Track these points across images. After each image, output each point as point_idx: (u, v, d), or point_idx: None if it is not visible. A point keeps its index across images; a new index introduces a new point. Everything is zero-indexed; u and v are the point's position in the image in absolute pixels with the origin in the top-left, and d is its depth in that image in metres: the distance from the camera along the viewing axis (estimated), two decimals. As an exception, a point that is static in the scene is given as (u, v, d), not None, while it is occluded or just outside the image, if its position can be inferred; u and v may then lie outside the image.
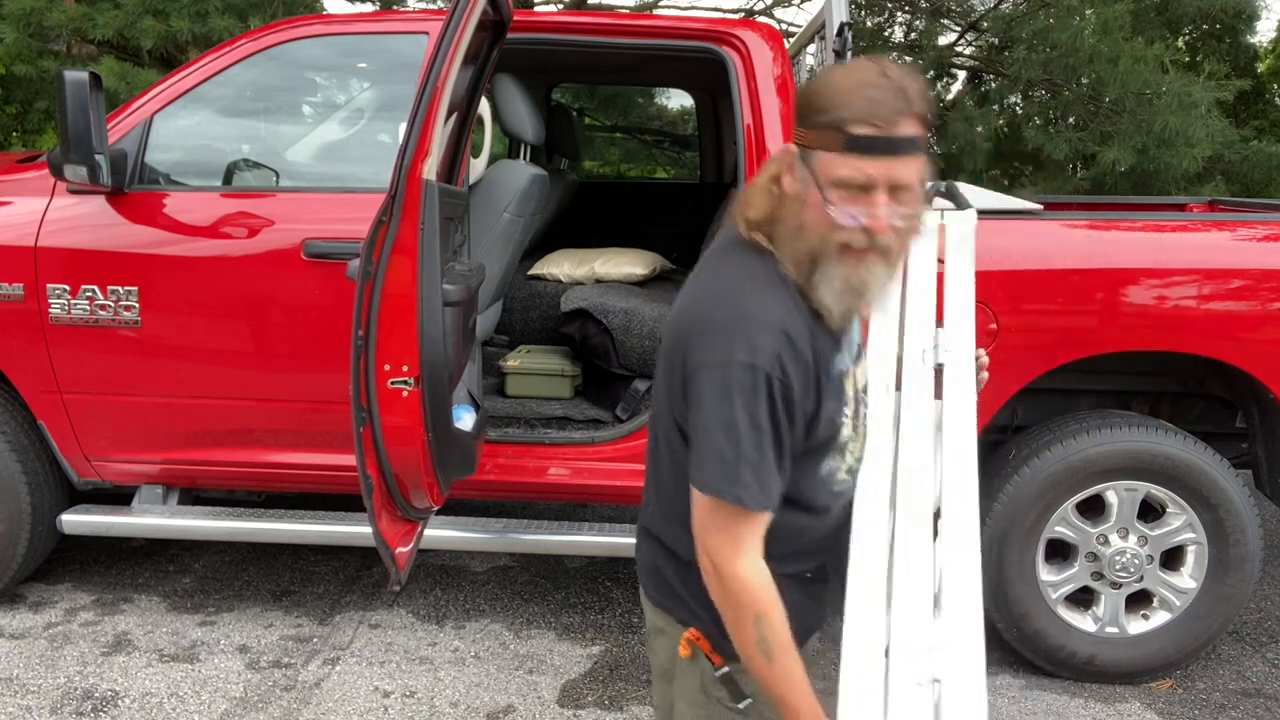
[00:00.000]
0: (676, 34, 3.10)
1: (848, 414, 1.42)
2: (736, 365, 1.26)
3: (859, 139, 1.21)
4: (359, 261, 2.21)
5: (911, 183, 1.24)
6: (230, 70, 2.95)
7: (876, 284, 1.29)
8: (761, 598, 1.31)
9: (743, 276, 1.34)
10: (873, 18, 6.79)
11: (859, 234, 1.24)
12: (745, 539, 1.30)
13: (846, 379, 1.41)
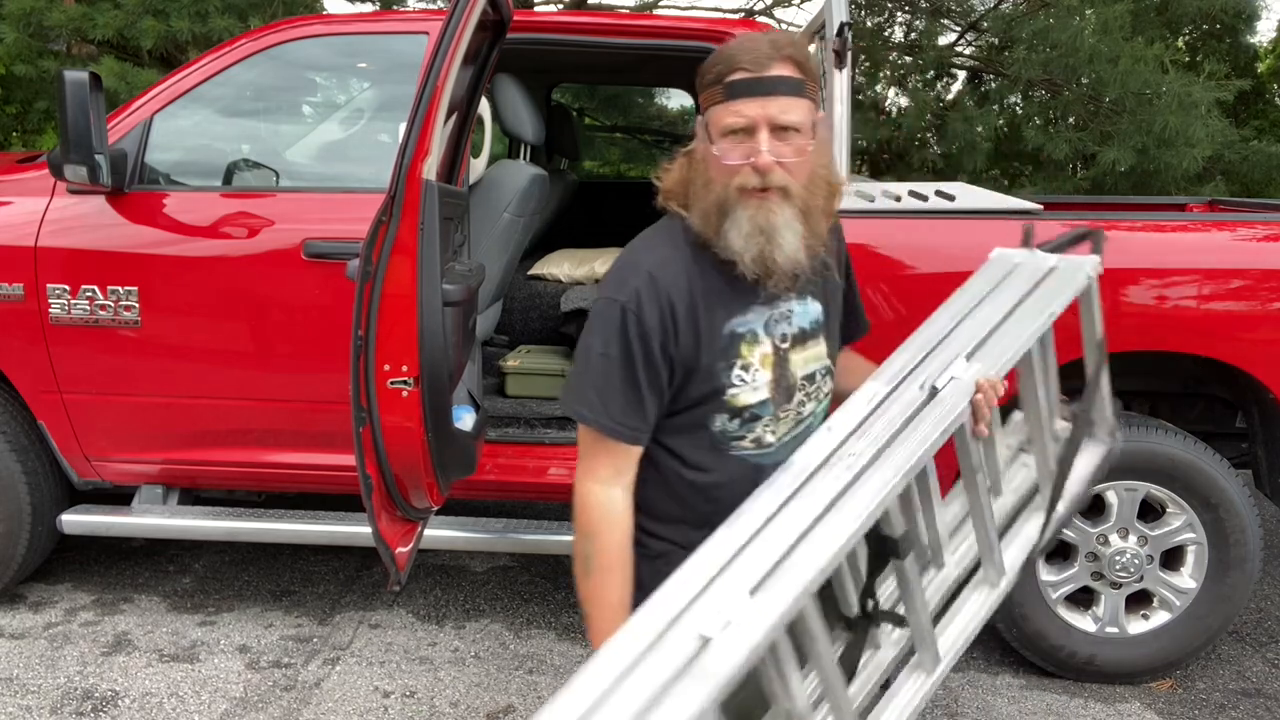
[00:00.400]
0: (676, 34, 3.10)
1: (744, 378, 1.44)
2: (602, 301, 1.43)
3: (734, 84, 1.35)
4: (359, 261, 2.21)
5: (793, 122, 1.35)
6: (230, 70, 2.95)
7: (784, 225, 1.36)
8: (595, 518, 1.42)
9: (642, 239, 1.49)
10: (873, 18, 6.79)
11: (750, 174, 1.34)
12: (595, 462, 1.43)
13: (747, 343, 1.45)
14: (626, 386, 1.40)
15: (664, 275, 1.41)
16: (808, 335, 1.51)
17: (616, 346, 1.40)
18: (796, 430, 1.51)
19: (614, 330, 1.40)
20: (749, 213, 1.36)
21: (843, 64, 2.79)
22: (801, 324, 1.50)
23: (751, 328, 1.45)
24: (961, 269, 2.75)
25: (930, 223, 2.81)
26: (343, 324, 2.70)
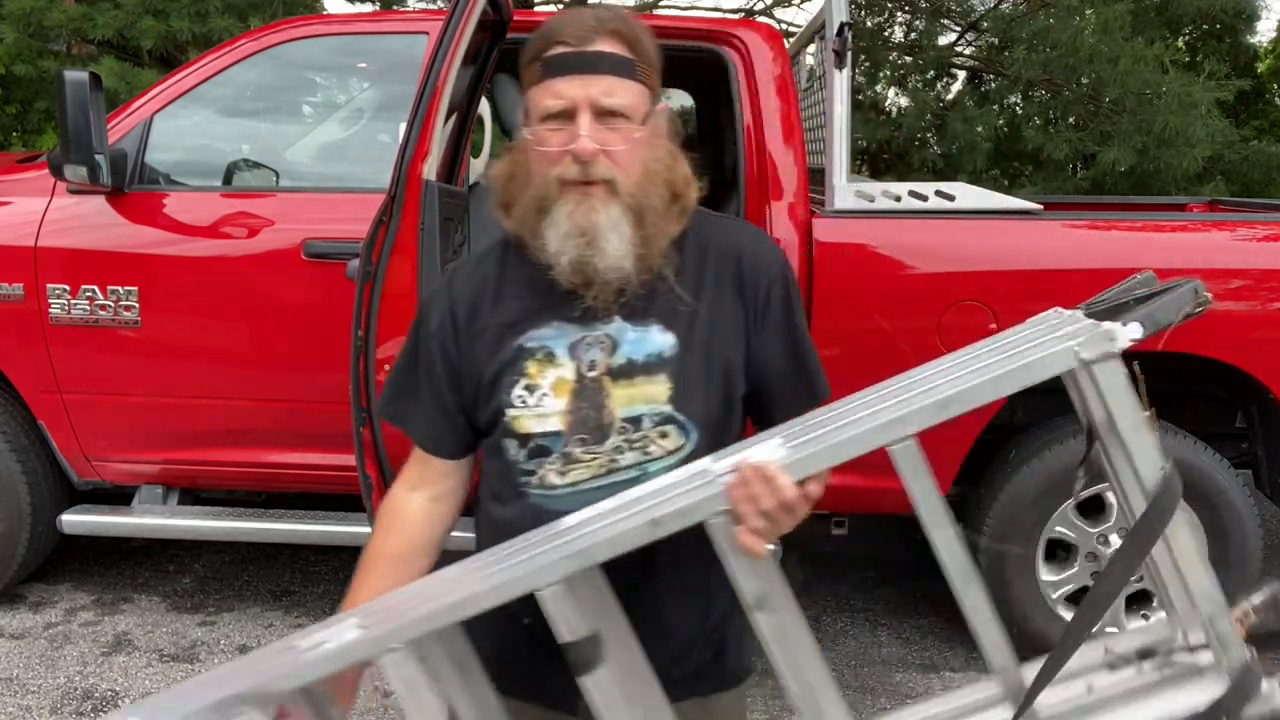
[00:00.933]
0: (676, 34, 3.09)
1: (525, 400, 1.21)
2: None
3: (552, 60, 1.17)
4: (359, 261, 2.21)
5: (619, 106, 1.15)
6: (230, 70, 2.95)
7: (608, 226, 1.15)
8: (379, 514, 1.34)
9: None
10: (873, 18, 6.80)
11: (570, 164, 1.14)
12: (408, 463, 1.34)
13: (538, 361, 1.21)
14: (414, 390, 1.30)
15: (462, 276, 1.29)
16: (638, 369, 1.20)
17: (409, 347, 1.30)
18: (605, 480, 1.20)
19: (411, 330, 1.31)
20: (568, 209, 1.15)
21: (843, 64, 2.79)
22: (631, 354, 1.20)
23: (547, 345, 1.22)
24: (961, 269, 2.77)
25: (930, 223, 2.81)
26: (342, 324, 2.70)
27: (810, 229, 2.80)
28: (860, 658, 3.11)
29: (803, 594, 3.54)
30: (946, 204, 2.83)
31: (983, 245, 2.79)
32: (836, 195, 2.81)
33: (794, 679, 1.11)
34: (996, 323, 2.75)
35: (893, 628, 3.32)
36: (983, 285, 2.75)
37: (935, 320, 2.76)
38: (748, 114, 2.90)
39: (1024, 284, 2.76)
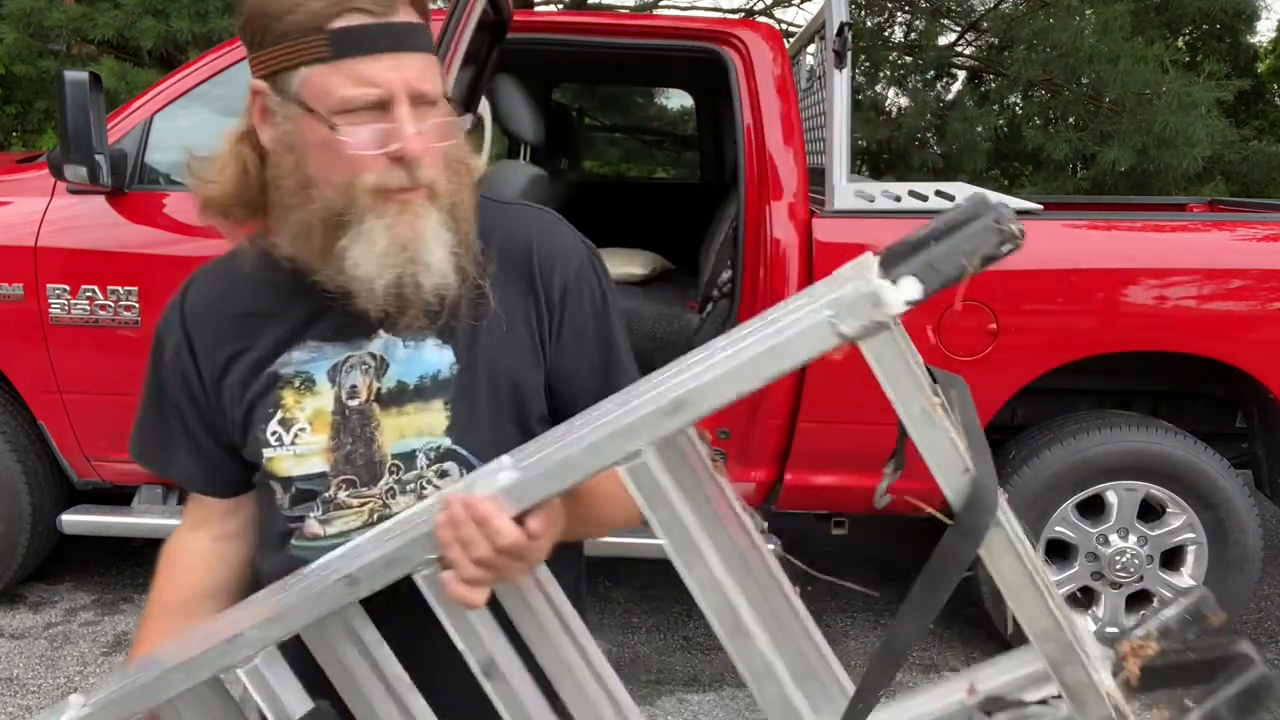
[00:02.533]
0: (676, 34, 3.10)
1: (281, 437, 1.01)
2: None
3: (348, 33, 0.88)
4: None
5: (434, 91, 0.92)
6: (230, 70, 2.95)
7: (431, 235, 0.93)
8: (160, 562, 1.20)
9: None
10: (873, 18, 6.79)
11: (390, 168, 0.90)
12: (187, 505, 1.17)
13: (294, 390, 1.01)
14: (163, 427, 1.09)
15: (197, 292, 1.08)
16: (410, 394, 0.99)
17: (150, 379, 1.11)
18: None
19: (150, 359, 1.11)
20: (386, 222, 0.91)
21: (843, 64, 2.79)
22: (402, 375, 0.99)
23: (304, 370, 1.00)
24: (961, 269, 2.77)
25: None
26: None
27: (810, 229, 2.80)
28: (860, 658, 3.11)
29: (802, 594, 3.54)
30: (946, 204, 2.83)
31: (983, 245, 2.79)
32: (836, 195, 2.81)
33: None
34: (996, 323, 2.76)
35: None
36: (983, 285, 2.76)
37: (935, 320, 2.76)
38: (748, 114, 2.90)
39: (1024, 284, 2.76)
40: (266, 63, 0.93)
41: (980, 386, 2.82)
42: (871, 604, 3.50)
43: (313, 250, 0.95)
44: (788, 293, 2.79)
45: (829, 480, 2.94)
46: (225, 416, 1.04)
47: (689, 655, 3.09)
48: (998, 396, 2.83)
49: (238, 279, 1.03)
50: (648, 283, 3.84)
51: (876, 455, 2.94)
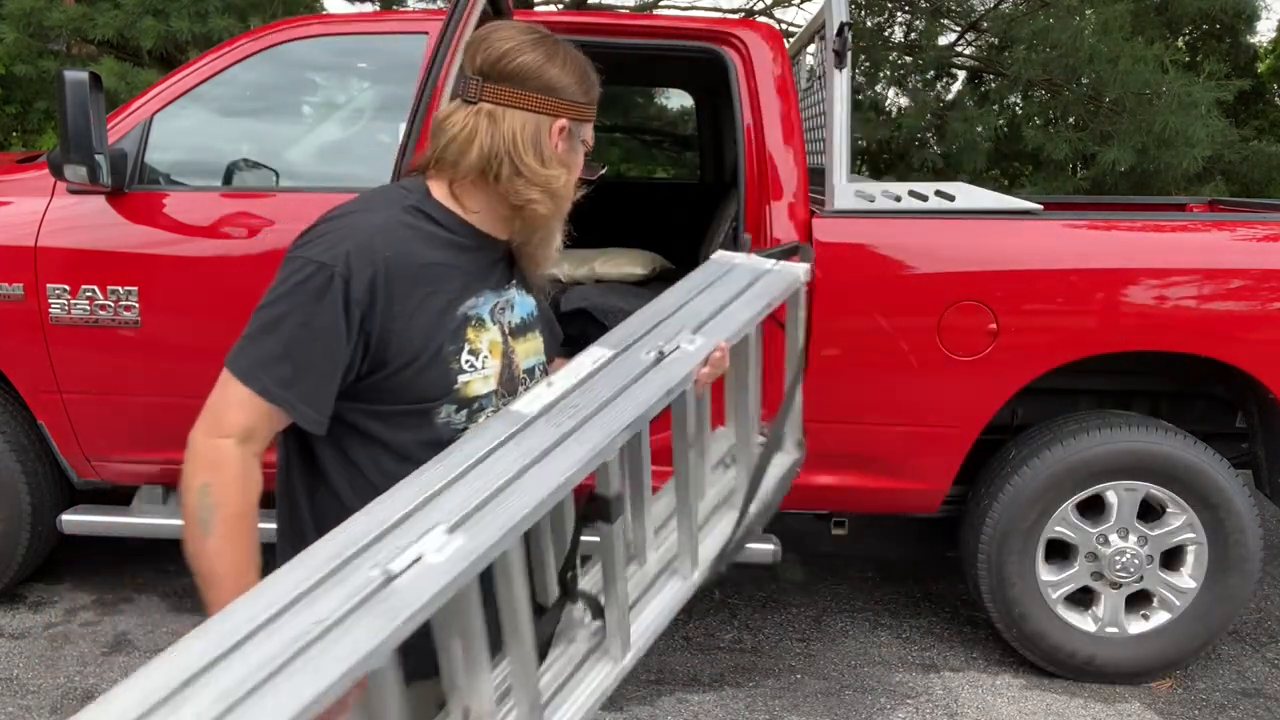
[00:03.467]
0: (676, 34, 3.09)
1: (474, 364, 1.29)
2: (299, 261, 1.27)
3: (589, 108, 1.36)
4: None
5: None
6: (230, 70, 2.95)
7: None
8: (232, 474, 1.25)
9: (358, 202, 1.31)
10: (873, 18, 6.79)
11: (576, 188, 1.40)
12: (233, 419, 1.27)
13: (474, 327, 1.30)
14: (322, 364, 1.22)
15: (385, 243, 1.24)
16: (526, 327, 1.40)
17: (319, 317, 1.21)
18: None
19: (315, 298, 1.22)
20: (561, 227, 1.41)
21: (843, 64, 2.79)
22: (521, 314, 1.40)
23: (479, 311, 1.31)
24: (961, 269, 2.78)
25: (930, 223, 2.81)
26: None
27: (810, 229, 2.80)
28: (860, 658, 3.11)
29: (803, 594, 3.54)
30: (946, 204, 2.83)
31: (983, 245, 2.79)
32: (836, 195, 2.81)
33: None
34: (996, 323, 2.76)
35: (893, 628, 3.32)
36: (983, 285, 2.76)
37: (935, 320, 2.76)
38: (748, 114, 2.90)
39: (1024, 284, 2.76)
40: (562, 111, 1.32)
41: (980, 386, 2.84)
42: (871, 604, 3.50)
43: (507, 226, 1.36)
44: (788, 293, 2.79)
45: (829, 480, 2.94)
46: (400, 352, 1.24)
47: (689, 655, 3.09)
48: (998, 396, 2.83)
49: (421, 234, 1.28)
50: (648, 282, 3.84)
51: (877, 456, 2.96)
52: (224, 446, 1.24)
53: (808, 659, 3.08)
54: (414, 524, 1.00)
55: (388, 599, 0.90)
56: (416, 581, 0.92)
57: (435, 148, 1.33)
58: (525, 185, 1.31)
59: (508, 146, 1.29)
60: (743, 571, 3.69)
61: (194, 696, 0.79)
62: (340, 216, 1.28)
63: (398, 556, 0.95)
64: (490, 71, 1.30)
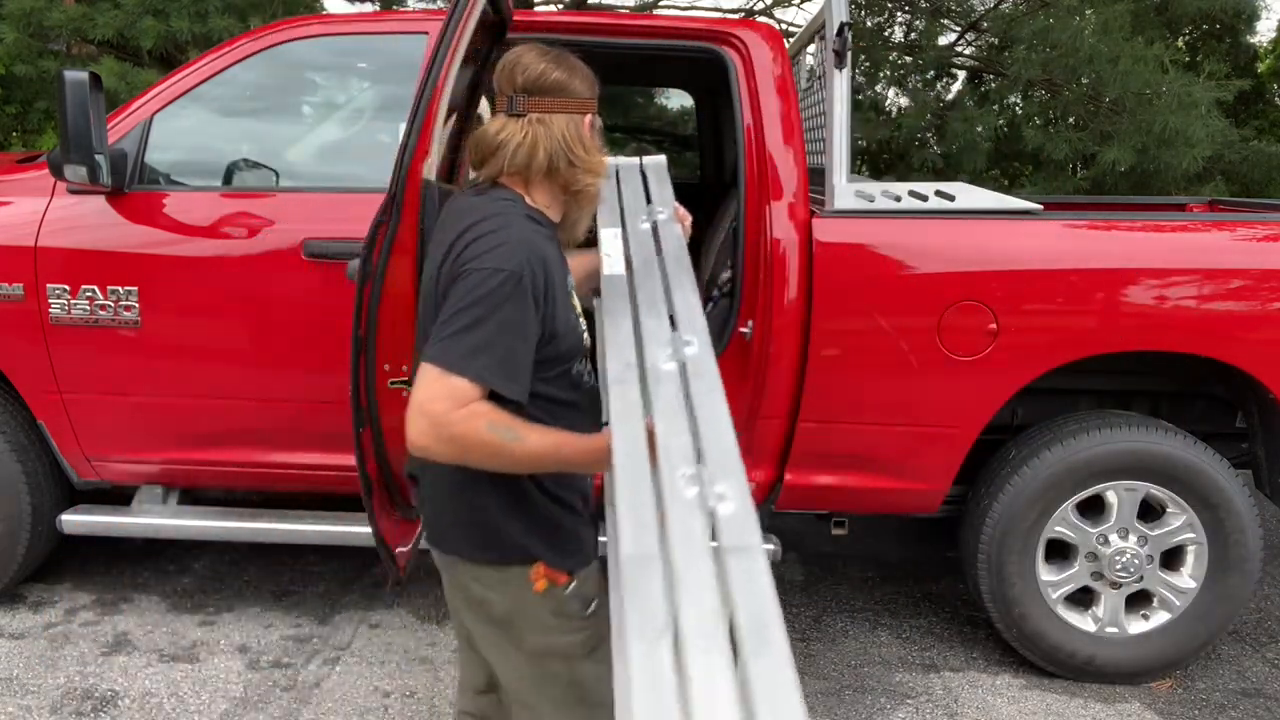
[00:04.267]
0: (676, 34, 3.09)
1: (583, 323, 1.68)
2: (487, 272, 1.48)
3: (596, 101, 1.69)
4: (359, 261, 2.20)
5: None
6: (230, 70, 2.95)
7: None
8: (501, 418, 1.45)
9: (503, 216, 1.57)
10: (873, 18, 6.79)
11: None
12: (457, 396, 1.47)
13: (572, 294, 1.65)
14: (522, 348, 1.49)
15: (537, 248, 1.54)
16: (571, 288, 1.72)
17: (517, 312, 1.47)
18: None
19: (510, 298, 1.47)
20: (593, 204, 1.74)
21: (843, 64, 2.79)
22: (569, 280, 1.71)
23: (569, 283, 1.66)
24: (961, 269, 2.78)
25: (930, 223, 2.81)
26: (343, 324, 2.69)
27: (810, 229, 2.80)
28: (860, 658, 3.11)
29: (803, 594, 3.54)
30: (946, 204, 2.83)
31: (983, 245, 2.79)
32: (836, 195, 2.81)
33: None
34: (996, 323, 2.76)
35: (893, 628, 3.32)
36: (983, 285, 2.76)
37: (935, 320, 2.76)
38: (748, 114, 2.90)
39: (1024, 284, 2.76)
40: (580, 108, 1.65)
41: (980, 386, 2.84)
42: (871, 604, 3.50)
43: (560, 210, 1.69)
44: (787, 293, 2.79)
45: (829, 480, 2.93)
46: (553, 325, 1.56)
47: (689, 655, 3.09)
48: (998, 396, 2.83)
49: (541, 234, 1.59)
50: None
51: (877, 456, 2.95)
52: (469, 406, 1.45)
53: (808, 659, 3.08)
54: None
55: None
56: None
57: (503, 158, 1.60)
58: (581, 173, 1.63)
59: (562, 145, 1.61)
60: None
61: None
62: (498, 230, 1.53)
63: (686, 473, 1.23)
64: (532, 88, 1.60)
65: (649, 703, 0.91)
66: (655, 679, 0.94)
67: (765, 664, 0.93)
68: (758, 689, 0.90)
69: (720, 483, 1.19)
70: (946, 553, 3.98)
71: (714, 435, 1.29)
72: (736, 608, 1.00)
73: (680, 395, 1.38)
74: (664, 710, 0.90)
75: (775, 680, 0.92)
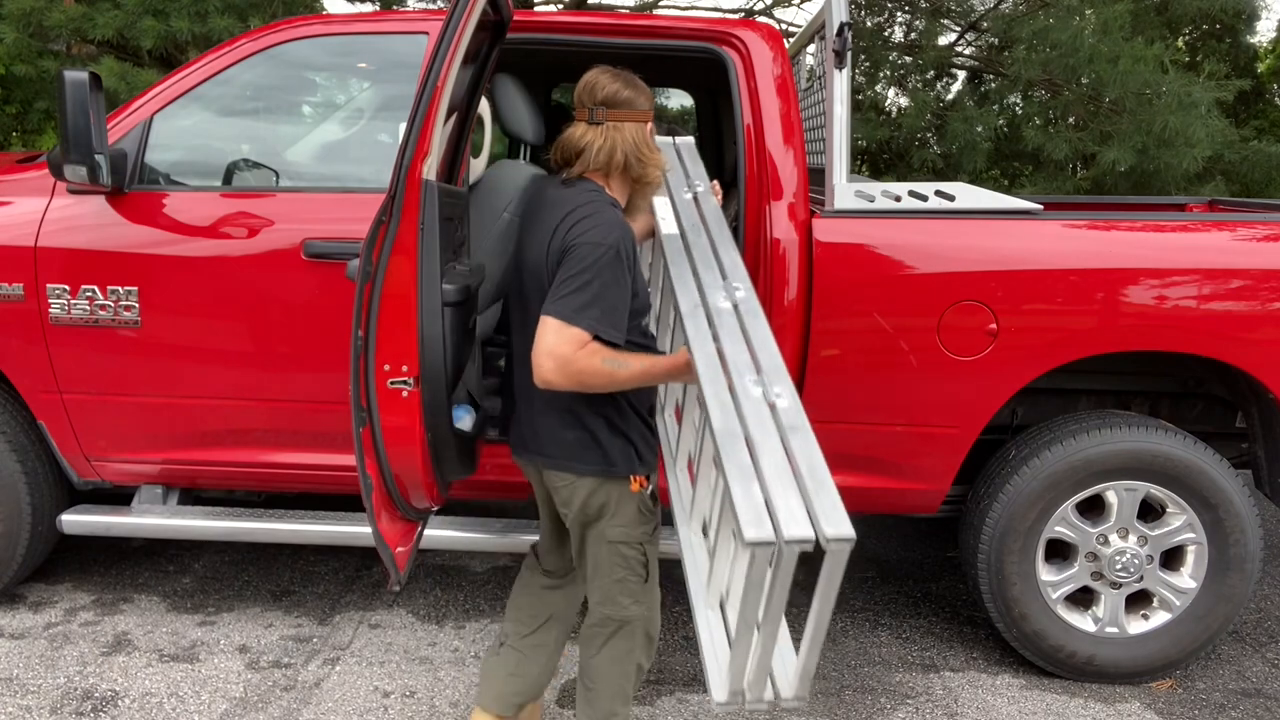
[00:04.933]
0: (676, 34, 3.09)
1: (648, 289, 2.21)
2: (596, 246, 1.96)
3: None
4: (359, 261, 2.20)
5: None
6: (230, 70, 2.95)
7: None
8: (608, 352, 1.94)
9: (596, 203, 2.05)
10: (873, 18, 6.80)
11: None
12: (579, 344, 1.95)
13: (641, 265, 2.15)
14: (620, 304, 1.97)
15: (625, 226, 2.02)
16: None
17: (618, 276, 1.96)
18: None
19: (611, 266, 1.95)
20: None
21: (843, 64, 2.79)
22: None
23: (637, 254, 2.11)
24: (961, 269, 2.78)
25: (930, 223, 2.81)
26: (342, 324, 2.70)
27: (810, 229, 2.80)
28: (860, 658, 3.11)
29: (803, 594, 3.54)
30: (946, 204, 2.83)
31: (983, 245, 2.79)
32: (836, 195, 2.81)
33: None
34: (996, 323, 2.76)
35: (893, 628, 3.32)
36: (983, 285, 2.76)
37: (935, 320, 2.76)
38: (748, 114, 2.90)
39: (1024, 284, 2.76)
40: (642, 118, 2.14)
41: (980, 386, 2.84)
42: (871, 604, 3.50)
43: (624, 199, 2.18)
44: (787, 293, 2.79)
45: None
46: (636, 286, 2.06)
47: (689, 655, 3.09)
48: (998, 396, 2.83)
49: (620, 216, 2.07)
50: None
51: (877, 456, 2.95)
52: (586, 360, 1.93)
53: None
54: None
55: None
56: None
57: (589, 158, 2.09)
58: (647, 167, 2.12)
59: (633, 146, 2.10)
60: (743, 571, 3.69)
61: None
62: (596, 214, 2.01)
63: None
64: (608, 102, 2.09)
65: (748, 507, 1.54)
66: (751, 501, 1.57)
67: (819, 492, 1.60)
68: (815, 505, 1.56)
69: (775, 386, 1.79)
70: (946, 553, 3.98)
71: (765, 353, 1.88)
72: (797, 463, 1.64)
73: (736, 324, 1.94)
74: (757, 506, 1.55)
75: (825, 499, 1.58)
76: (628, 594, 2.20)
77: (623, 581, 2.19)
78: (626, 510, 2.14)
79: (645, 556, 2.19)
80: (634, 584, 2.20)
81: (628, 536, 2.16)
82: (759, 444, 1.66)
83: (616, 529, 2.14)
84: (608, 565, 2.18)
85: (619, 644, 2.23)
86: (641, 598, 2.21)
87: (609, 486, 2.12)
